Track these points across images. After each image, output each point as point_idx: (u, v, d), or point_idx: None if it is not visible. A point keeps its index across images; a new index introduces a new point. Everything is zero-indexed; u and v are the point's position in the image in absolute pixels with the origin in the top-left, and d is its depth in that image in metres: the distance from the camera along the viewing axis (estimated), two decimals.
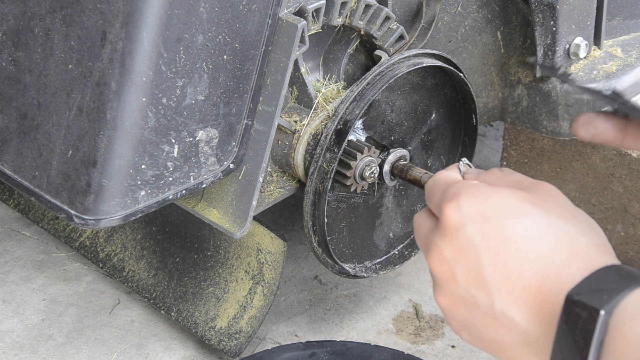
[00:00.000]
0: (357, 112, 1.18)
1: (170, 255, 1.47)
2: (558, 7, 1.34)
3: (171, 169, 1.04)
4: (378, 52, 1.28)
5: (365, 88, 1.20)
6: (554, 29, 1.36)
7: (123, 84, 0.96)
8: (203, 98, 1.03)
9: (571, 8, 1.36)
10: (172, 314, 1.44)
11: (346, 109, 1.19)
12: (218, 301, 1.39)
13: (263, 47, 1.08)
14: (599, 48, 1.47)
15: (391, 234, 1.39)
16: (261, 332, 1.47)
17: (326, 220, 1.22)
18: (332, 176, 1.19)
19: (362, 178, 1.23)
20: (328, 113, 1.22)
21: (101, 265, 1.55)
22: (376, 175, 1.24)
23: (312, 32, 1.16)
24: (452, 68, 1.28)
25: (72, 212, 1.01)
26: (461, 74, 1.29)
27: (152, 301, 1.47)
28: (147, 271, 1.49)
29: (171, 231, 1.47)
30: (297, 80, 1.22)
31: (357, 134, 1.24)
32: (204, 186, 1.10)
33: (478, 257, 0.63)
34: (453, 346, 1.46)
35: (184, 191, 1.07)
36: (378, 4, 1.24)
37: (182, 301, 1.44)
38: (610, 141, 0.79)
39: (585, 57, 1.44)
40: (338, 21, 1.20)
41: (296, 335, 1.48)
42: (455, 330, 0.68)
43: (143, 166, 1.01)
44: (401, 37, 1.29)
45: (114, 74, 0.96)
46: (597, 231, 0.65)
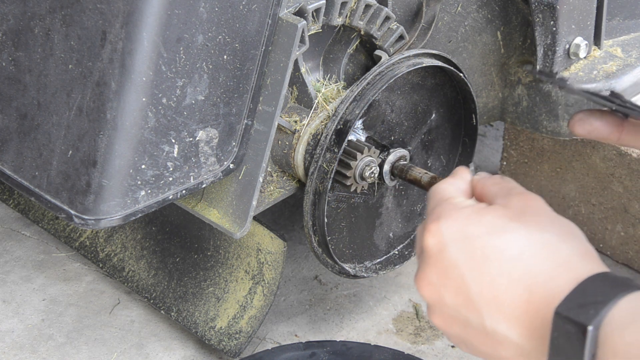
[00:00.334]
0: (357, 112, 1.18)
1: (170, 255, 1.47)
2: (558, 7, 1.34)
3: (171, 169, 1.04)
4: (378, 52, 1.28)
5: (365, 88, 1.20)
6: (554, 29, 1.36)
7: (123, 84, 0.96)
8: (203, 98, 1.03)
9: (571, 8, 1.36)
10: (172, 314, 1.44)
11: (346, 109, 1.19)
12: (218, 301, 1.39)
13: (263, 47, 1.08)
14: (599, 48, 1.47)
15: (391, 234, 1.39)
16: (261, 332, 1.47)
17: (326, 220, 1.22)
18: (332, 176, 1.19)
19: (362, 178, 1.23)
20: (328, 113, 1.22)
21: (101, 265, 1.55)
22: (376, 175, 1.24)
23: (312, 32, 1.16)
24: (452, 68, 1.28)
25: (72, 212, 1.01)
26: (461, 74, 1.29)
27: (152, 301, 1.47)
28: (147, 271, 1.49)
29: (171, 231, 1.47)
30: (297, 80, 1.22)
31: (357, 134, 1.24)
32: (204, 186, 1.10)
33: (463, 278, 0.64)
34: (453, 346, 1.46)
35: (184, 191, 1.07)
36: (378, 4, 1.24)
37: (182, 301, 1.43)
38: (606, 137, 0.81)
39: (585, 57, 1.44)
40: (338, 21, 1.20)
41: (296, 335, 1.48)
42: (454, 343, 0.69)
43: (143, 166, 1.01)
44: (401, 37, 1.29)
45: (114, 74, 0.96)
46: (579, 237, 0.65)
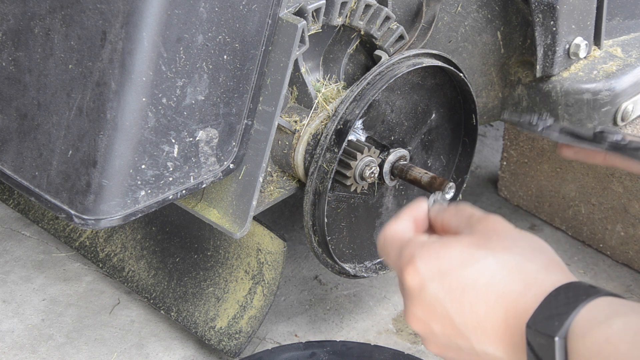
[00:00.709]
0: (357, 112, 1.18)
1: (170, 255, 1.47)
2: (558, 7, 1.34)
3: (171, 169, 1.04)
4: (378, 52, 1.28)
5: (365, 88, 1.20)
6: (554, 29, 1.36)
7: (123, 84, 0.96)
8: (203, 98, 1.03)
9: (571, 8, 1.36)
10: (172, 314, 1.44)
11: (346, 109, 1.19)
12: (218, 301, 1.39)
13: (263, 47, 1.08)
14: (599, 48, 1.47)
15: None
16: (261, 332, 1.47)
17: (326, 220, 1.22)
18: (332, 176, 1.19)
19: (362, 178, 1.23)
20: (328, 113, 1.22)
21: (101, 265, 1.55)
22: (376, 175, 1.24)
23: (312, 32, 1.16)
24: (452, 68, 1.28)
25: (72, 212, 1.01)
26: (461, 74, 1.29)
27: (152, 301, 1.47)
28: (147, 271, 1.49)
29: (171, 231, 1.47)
30: (297, 80, 1.22)
31: (357, 134, 1.24)
32: (204, 186, 1.10)
33: (446, 311, 0.69)
34: None
35: (184, 191, 1.07)
36: (378, 4, 1.24)
37: (182, 301, 1.43)
38: (592, 160, 0.90)
39: (585, 57, 1.44)
40: (338, 21, 1.20)
41: (296, 335, 1.48)
42: None
43: (143, 166, 1.01)
44: (401, 37, 1.29)
45: (114, 74, 0.96)
46: (543, 250, 0.70)
